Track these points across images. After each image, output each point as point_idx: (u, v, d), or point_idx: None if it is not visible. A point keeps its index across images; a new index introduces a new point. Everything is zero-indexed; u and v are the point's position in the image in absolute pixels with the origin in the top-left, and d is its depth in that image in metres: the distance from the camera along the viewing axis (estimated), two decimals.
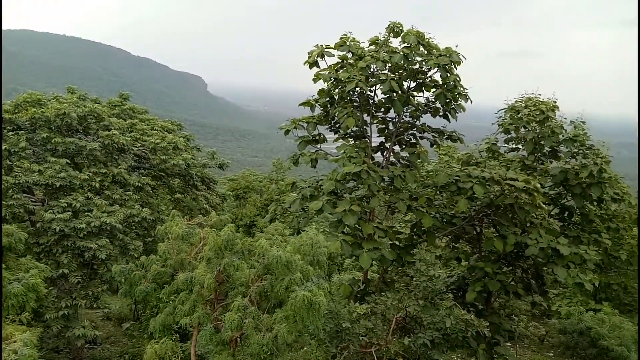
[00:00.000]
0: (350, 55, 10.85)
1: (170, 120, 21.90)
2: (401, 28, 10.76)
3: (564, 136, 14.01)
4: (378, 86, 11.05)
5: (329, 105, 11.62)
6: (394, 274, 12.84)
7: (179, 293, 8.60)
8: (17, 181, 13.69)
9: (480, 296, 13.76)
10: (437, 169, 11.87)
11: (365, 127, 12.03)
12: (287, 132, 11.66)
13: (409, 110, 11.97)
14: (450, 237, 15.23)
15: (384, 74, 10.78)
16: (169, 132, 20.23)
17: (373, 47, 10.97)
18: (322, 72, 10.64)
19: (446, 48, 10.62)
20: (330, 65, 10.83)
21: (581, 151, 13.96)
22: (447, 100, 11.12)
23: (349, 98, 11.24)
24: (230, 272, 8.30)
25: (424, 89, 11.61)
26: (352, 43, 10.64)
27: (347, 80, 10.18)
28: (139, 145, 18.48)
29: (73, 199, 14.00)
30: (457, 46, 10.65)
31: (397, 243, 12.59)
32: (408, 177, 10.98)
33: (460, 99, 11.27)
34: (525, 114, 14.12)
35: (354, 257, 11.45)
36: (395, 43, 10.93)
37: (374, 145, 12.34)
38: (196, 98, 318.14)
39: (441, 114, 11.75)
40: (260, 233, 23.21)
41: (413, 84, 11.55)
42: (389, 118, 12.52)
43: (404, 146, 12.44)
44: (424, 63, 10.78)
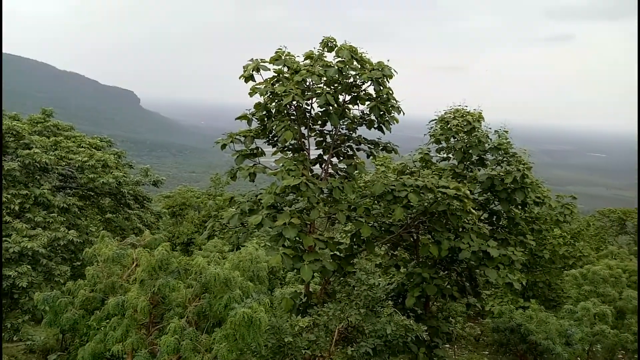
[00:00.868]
0: (286, 69, 10.92)
1: (99, 137, 20.83)
2: (335, 43, 11.02)
3: (489, 145, 14.93)
4: (314, 100, 11.20)
5: (266, 119, 11.60)
6: (336, 285, 12.95)
7: (110, 318, 8.11)
8: None
9: (419, 301, 14.19)
10: (374, 179, 12.17)
11: (303, 140, 12.12)
12: (223, 146, 11.48)
13: (345, 123, 12.21)
14: (388, 245, 15.63)
15: (320, 87, 10.96)
16: (98, 149, 19.22)
17: (308, 62, 11.13)
18: (258, 86, 10.61)
19: (378, 62, 10.99)
20: (266, 79, 10.84)
21: (505, 159, 14.92)
22: (381, 113, 11.48)
23: (286, 111, 11.29)
24: (165, 293, 7.95)
25: (358, 102, 11.91)
26: (288, 57, 10.74)
27: (283, 94, 10.23)
28: (64, 163, 17.37)
29: None
30: (388, 60, 11.06)
31: (338, 253, 12.71)
32: (346, 188, 11.16)
33: (393, 111, 11.65)
34: (454, 125, 14.90)
35: (295, 270, 11.41)
36: (330, 57, 11.16)
37: (312, 157, 12.44)
38: (129, 113, 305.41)
39: (376, 126, 12.09)
40: (198, 250, 22.54)
41: (348, 97, 11.82)
42: (326, 131, 12.70)
43: (341, 158, 12.65)
44: (357, 77, 11.07)
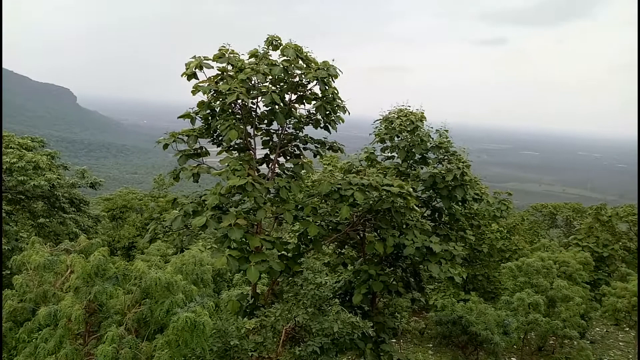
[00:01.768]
0: (230, 68, 10.71)
1: (31, 137, 19.51)
2: (280, 41, 10.94)
3: (431, 144, 15.42)
4: (260, 98, 11.07)
5: (210, 118, 11.31)
6: (284, 285, 12.90)
7: (42, 330, 7.59)
8: None
9: (366, 298, 14.43)
10: (321, 178, 12.22)
11: (249, 139, 11.94)
12: (165, 146, 11.08)
13: (292, 122, 12.16)
14: (336, 243, 15.78)
15: (265, 86, 10.84)
16: (29, 149, 18.00)
17: (253, 60, 10.97)
18: (201, 84, 10.33)
19: (323, 62, 11.03)
20: (210, 77, 10.57)
21: (446, 157, 15.47)
22: (327, 112, 11.53)
23: (230, 110, 11.07)
24: (102, 300, 7.54)
25: (305, 101, 11.90)
26: (232, 55, 10.52)
27: (227, 92, 10.01)
28: None
29: None
30: (333, 60, 11.13)
31: (286, 253, 12.66)
32: (293, 188, 11.12)
33: (339, 111, 11.74)
34: (397, 125, 15.28)
35: (242, 272, 11.22)
36: (275, 56, 11.07)
37: (258, 157, 12.30)
38: (64, 112, 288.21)
39: (322, 125, 12.13)
40: (140, 255, 21.69)
41: (294, 97, 11.78)
42: (273, 130, 12.59)
43: (288, 157, 12.60)
44: (303, 76, 11.05)
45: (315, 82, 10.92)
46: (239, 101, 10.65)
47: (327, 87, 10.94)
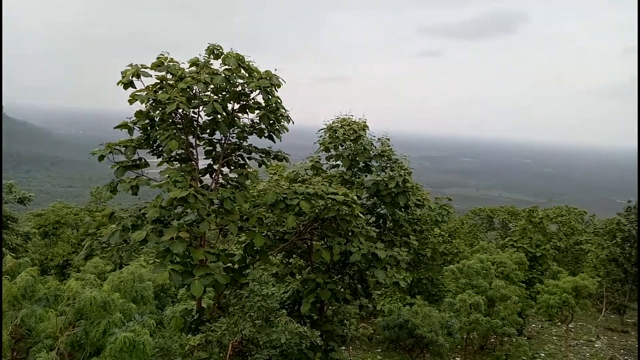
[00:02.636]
0: (169, 76, 10.42)
1: None
2: (221, 50, 10.80)
3: (374, 152, 15.78)
4: (202, 108, 10.84)
5: (149, 128, 10.93)
6: (232, 297, 12.62)
7: None
8: None
9: (314, 307, 14.41)
10: (267, 188, 12.12)
11: (190, 149, 11.64)
12: (101, 157, 10.55)
13: (235, 132, 12.00)
14: (283, 253, 15.68)
15: (207, 95, 10.64)
16: None
17: (194, 69, 10.75)
18: (138, 93, 9.96)
19: (266, 71, 11.00)
20: (148, 86, 10.21)
21: (389, 165, 15.87)
22: (271, 122, 11.49)
23: (171, 120, 10.75)
24: (31, 324, 7.02)
25: (248, 110, 11.79)
26: (171, 63, 10.25)
27: (167, 102, 9.72)
28: None
29: None
30: (275, 70, 11.12)
31: (231, 265, 12.41)
32: (238, 199, 10.94)
33: (283, 120, 11.74)
34: (341, 134, 15.52)
35: (186, 287, 10.86)
36: (217, 65, 10.91)
37: (201, 167, 12.01)
38: None
39: (266, 134, 12.07)
40: (76, 273, 20.45)
41: (237, 106, 11.65)
42: (216, 139, 12.36)
43: (232, 167, 12.41)
44: (246, 85, 10.96)
45: (258, 91, 10.86)
46: (180, 110, 10.37)
47: (270, 97, 10.91)
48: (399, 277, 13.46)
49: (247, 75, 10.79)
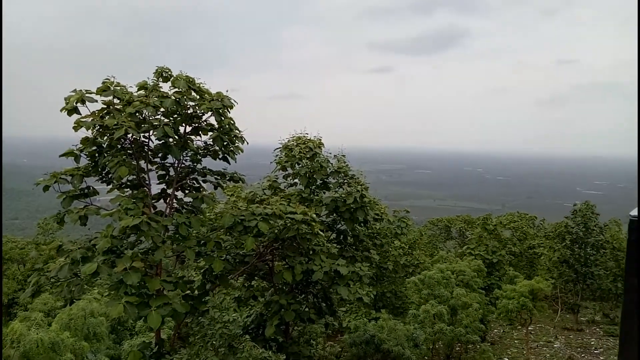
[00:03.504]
0: (117, 101, 10.10)
1: None
2: (170, 73, 10.59)
3: (330, 169, 15.87)
4: (152, 132, 10.55)
5: (97, 155, 10.51)
6: (193, 326, 12.17)
7: None
8: None
9: (279, 329, 14.14)
10: (223, 210, 11.87)
11: (142, 174, 11.27)
12: (46, 188, 10.01)
13: (188, 155, 11.74)
14: (244, 276, 15.35)
15: (157, 119, 10.37)
16: None
17: (142, 92, 10.47)
18: (83, 120, 9.56)
19: (217, 93, 10.87)
20: (94, 112, 9.83)
21: (346, 181, 15.99)
22: (225, 143, 11.33)
23: (120, 145, 10.38)
24: None
25: (201, 132, 11.59)
26: (118, 88, 9.93)
27: (115, 127, 9.39)
28: None
29: None
30: (227, 91, 11.02)
31: (190, 293, 11.99)
32: (194, 223, 10.63)
33: (237, 141, 11.60)
34: (297, 152, 15.54)
35: (143, 318, 10.37)
36: (166, 88, 10.68)
37: (154, 193, 11.64)
38: None
39: (221, 156, 11.88)
40: (23, 312, 19.14)
41: (189, 128, 11.42)
42: (168, 163, 12.04)
43: (187, 191, 12.10)
44: (197, 107, 10.79)
45: (210, 113, 10.71)
46: (129, 136, 10.04)
47: (222, 118, 10.77)
48: (362, 293, 13.44)
49: (198, 97, 10.63)
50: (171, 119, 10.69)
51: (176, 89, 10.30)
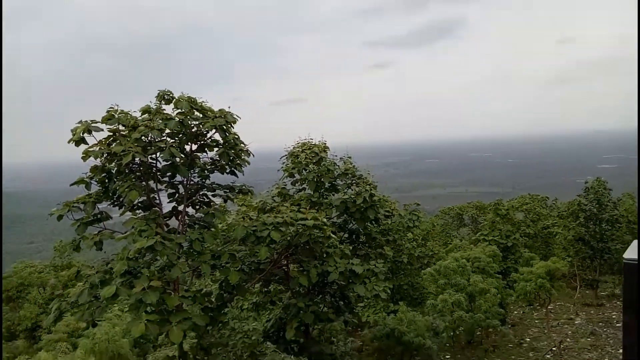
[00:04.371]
0: (122, 127, 10.35)
1: None
2: (172, 95, 10.82)
3: (338, 171, 16.05)
4: (159, 154, 10.80)
5: (107, 180, 10.78)
6: (217, 335, 12.42)
7: None
8: None
9: (299, 331, 14.38)
10: (235, 222, 12.10)
11: (152, 195, 11.53)
12: (60, 217, 10.32)
13: (196, 172, 11.98)
14: (261, 282, 15.60)
15: (163, 141, 10.60)
16: None
17: (146, 116, 10.71)
18: (91, 149, 9.83)
19: (220, 110, 11.08)
20: (101, 140, 10.10)
21: (354, 181, 16.17)
22: (231, 158, 11.55)
23: (128, 170, 10.64)
24: None
25: (207, 149, 11.83)
26: (122, 115, 10.18)
27: (122, 154, 9.64)
28: None
29: None
30: (229, 107, 11.24)
31: (209, 305, 12.26)
32: (207, 238, 10.87)
33: (243, 154, 11.82)
34: (303, 158, 15.75)
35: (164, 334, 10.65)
36: (169, 110, 10.92)
37: (166, 211, 11.90)
38: None
39: (228, 171, 12.11)
40: (47, 334, 19.56)
41: (195, 146, 11.66)
42: (177, 181, 12.30)
43: (197, 207, 12.34)
44: (201, 126, 11.01)
45: (214, 130, 10.93)
46: (137, 159, 10.29)
47: (227, 134, 10.99)
48: (378, 289, 13.60)
49: (201, 115, 10.85)
50: (176, 139, 10.93)
51: (179, 110, 10.53)
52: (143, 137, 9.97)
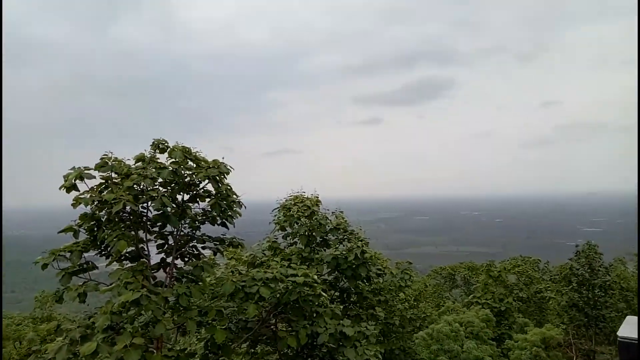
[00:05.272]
0: (114, 175, 10.24)
1: None
2: (166, 144, 10.82)
3: (329, 226, 15.87)
4: (150, 203, 10.62)
5: (95, 229, 10.50)
6: None
7: None
8: None
9: None
10: (224, 277, 11.72)
11: (141, 245, 11.22)
12: (44, 266, 9.92)
13: (187, 222, 11.76)
14: (248, 342, 14.89)
15: (155, 190, 10.46)
16: None
17: (140, 164, 10.65)
18: (82, 196, 9.64)
19: (213, 160, 11.06)
20: (92, 187, 9.94)
21: (345, 237, 15.96)
22: (223, 209, 11.39)
23: (117, 218, 10.41)
24: None
25: (198, 199, 11.67)
26: (115, 162, 10.10)
27: (113, 202, 9.46)
28: None
29: None
30: (223, 158, 11.23)
31: None
32: (194, 293, 10.46)
33: (235, 206, 11.67)
34: (295, 211, 15.60)
35: None
36: (163, 158, 10.88)
37: (154, 262, 11.52)
38: None
39: (219, 222, 11.90)
40: None
41: (187, 196, 11.51)
42: (167, 232, 12.02)
43: (186, 259, 12.00)
44: (194, 176, 10.94)
45: (207, 180, 10.85)
46: (127, 208, 10.09)
47: (219, 185, 10.90)
48: (369, 354, 13.03)
49: (194, 165, 10.81)
50: (169, 188, 10.80)
51: (173, 159, 10.49)
52: (135, 186, 9.83)
